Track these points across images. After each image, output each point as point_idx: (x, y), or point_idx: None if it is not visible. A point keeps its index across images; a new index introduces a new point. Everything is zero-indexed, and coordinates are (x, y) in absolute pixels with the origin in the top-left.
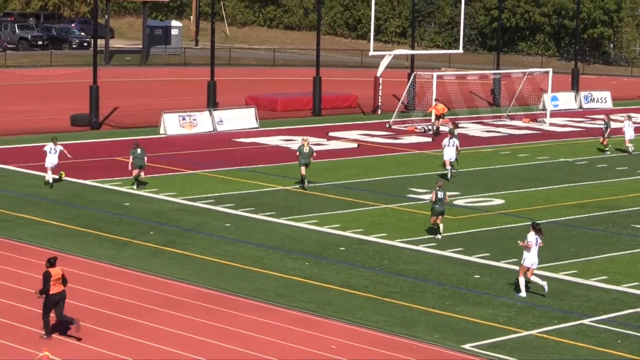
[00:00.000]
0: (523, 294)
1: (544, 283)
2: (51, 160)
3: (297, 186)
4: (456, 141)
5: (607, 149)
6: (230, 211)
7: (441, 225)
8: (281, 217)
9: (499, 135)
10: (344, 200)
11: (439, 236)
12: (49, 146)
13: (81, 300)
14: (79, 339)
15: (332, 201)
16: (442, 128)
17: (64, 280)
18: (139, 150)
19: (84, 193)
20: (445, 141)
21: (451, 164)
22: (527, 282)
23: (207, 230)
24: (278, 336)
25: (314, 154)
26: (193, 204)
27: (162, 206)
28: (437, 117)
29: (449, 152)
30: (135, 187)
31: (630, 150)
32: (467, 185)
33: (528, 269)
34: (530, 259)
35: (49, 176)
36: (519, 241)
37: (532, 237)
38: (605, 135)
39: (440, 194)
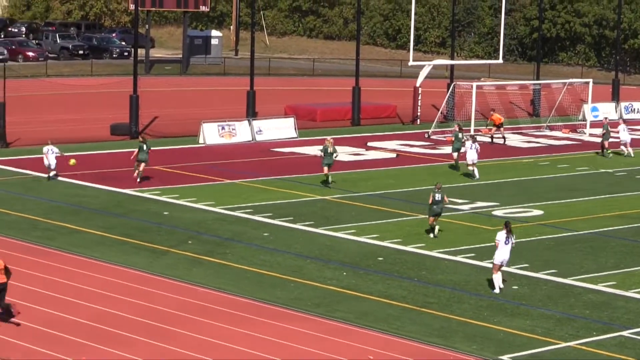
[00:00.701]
0: (497, 290)
1: (498, 290)
2: (51, 159)
3: (326, 185)
4: (477, 145)
5: (608, 152)
6: (268, 221)
7: (437, 227)
8: (319, 227)
9: (538, 146)
10: (382, 211)
11: (432, 235)
12: (46, 148)
13: (120, 309)
14: (17, 325)
15: (370, 211)
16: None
17: (7, 271)
18: (144, 146)
19: (124, 202)
20: (468, 144)
21: (473, 164)
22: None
23: (246, 240)
24: (315, 346)
25: (336, 155)
26: (232, 214)
27: (201, 215)
28: (497, 127)
29: (471, 154)
30: (138, 179)
31: (626, 154)
32: (506, 195)
33: (500, 266)
34: (499, 256)
35: (51, 172)
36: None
37: (500, 235)
38: (603, 139)
39: (438, 196)
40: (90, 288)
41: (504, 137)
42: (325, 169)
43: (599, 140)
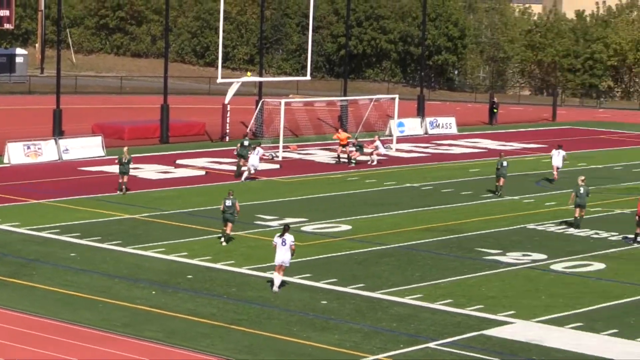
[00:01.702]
0: (275, 288)
1: (276, 289)
2: None
3: (120, 193)
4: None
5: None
6: (76, 241)
7: (228, 234)
8: (128, 246)
9: (347, 162)
10: (192, 228)
11: (224, 242)
12: None
13: None
14: None
15: (180, 229)
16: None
17: None
18: None
19: None
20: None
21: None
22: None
23: (53, 261)
24: None
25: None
26: (38, 234)
27: (5, 237)
28: (342, 146)
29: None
30: None
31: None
32: (316, 211)
33: (280, 266)
34: (278, 257)
35: None
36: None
37: (276, 238)
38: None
39: (228, 202)
40: None
41: (348, 157)
42: (124, 177)
43: (406, 155)
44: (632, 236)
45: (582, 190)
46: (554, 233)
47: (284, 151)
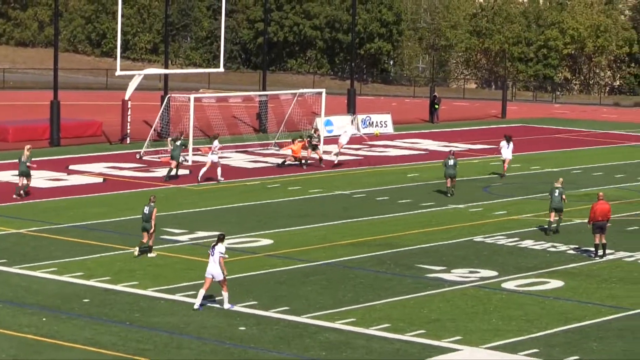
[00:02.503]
0: (197, 305)
1: (227, 304)
2: None
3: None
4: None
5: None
6: None
7: (146, 242)
8: (13, 266)
9: (266, 166)
10: (89, 244)
11: (136, 253)
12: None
13: None
14: None
15: (74, 245)
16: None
17: None
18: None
19: None
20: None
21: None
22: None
23: None
24: None
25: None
26: None
27: None
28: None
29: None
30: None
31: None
32: (231, 223)
33: (211, 279)
34: (208, 269)
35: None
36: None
37: (210, 249)
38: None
39: (146, 209)
40: None
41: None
42: (23, 179)
43: (335, 159)
44: (593, 249)
45: (556, 192)
46: (505, 246)
47: (194, 154)
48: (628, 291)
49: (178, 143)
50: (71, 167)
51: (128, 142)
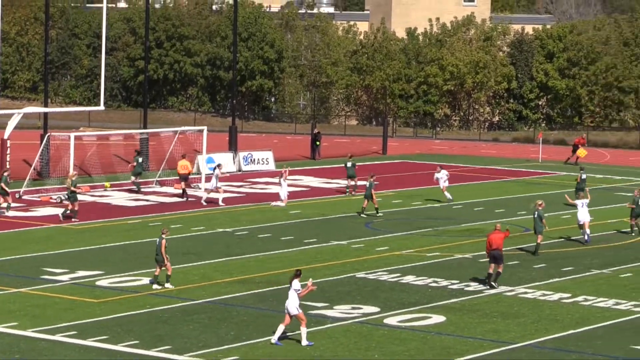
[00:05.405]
0: (274, 339)
1: (305, 341)
2: None
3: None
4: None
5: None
6: None
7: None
8: None
9: (148, 204)
10: None
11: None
12: None
13: None
14: None
15: None
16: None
17: None
18: None
19: None
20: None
21: None
22: None
23: None
24: None
25: None
26: None
27: None
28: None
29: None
30: None
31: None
32: (113, 262)
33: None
34: (286, 305)
35: None
36: None
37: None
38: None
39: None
40: None
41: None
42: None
43: (217, 195)
44: (484, 279)
45: (536, 214)
46: (388, 282)
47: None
48: (508, 325)
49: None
50: None
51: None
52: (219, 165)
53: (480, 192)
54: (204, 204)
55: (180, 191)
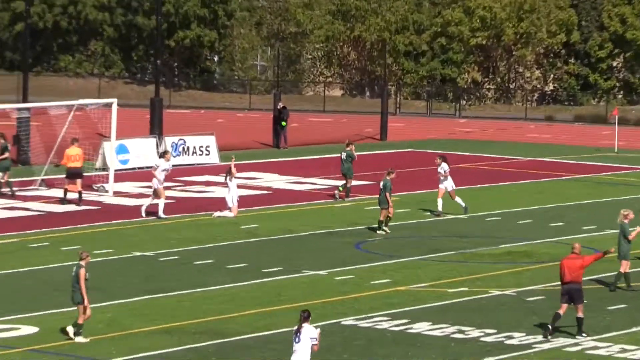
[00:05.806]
0: None
1: None
2: None
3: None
4: None
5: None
6: None
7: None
8: None
9: (27, 215)
10: None
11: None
12: None
13: None
14: None
15: None
16: None
17: None
18: None
19: None
20: None
21: None
22: None
23: None
24: None
25: None
26: None
27: None
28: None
29: None
30: None
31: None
32: None
33: None
34: None
35: None
36: None
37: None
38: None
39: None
40: None
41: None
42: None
43: (131, 202)
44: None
45: (620, 230)
46: (389, 332)
47: None
48: None
49: None
50: None
51: None
52: (165, 153)
53: (526, 196)
54: (143, 215)
55: (76, 195)
